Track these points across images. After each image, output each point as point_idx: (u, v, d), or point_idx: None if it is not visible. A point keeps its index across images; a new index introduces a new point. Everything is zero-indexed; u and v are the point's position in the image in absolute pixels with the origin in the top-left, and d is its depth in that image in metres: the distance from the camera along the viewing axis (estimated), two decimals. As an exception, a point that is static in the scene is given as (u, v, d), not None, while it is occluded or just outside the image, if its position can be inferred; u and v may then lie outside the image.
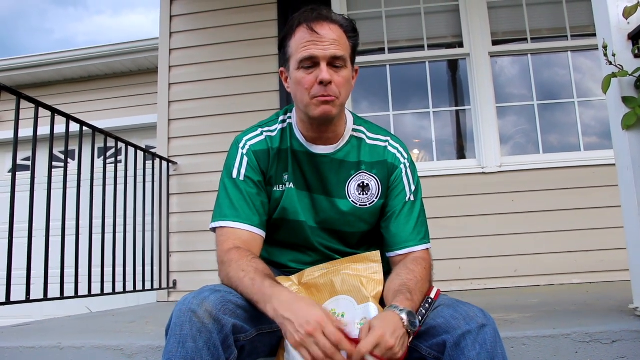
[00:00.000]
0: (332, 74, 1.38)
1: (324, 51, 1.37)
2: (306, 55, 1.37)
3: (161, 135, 4.27)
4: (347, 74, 1.42)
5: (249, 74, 4.22)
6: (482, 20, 4.05)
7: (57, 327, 2.31)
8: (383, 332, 1.09)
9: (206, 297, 1.16)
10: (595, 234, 3.62)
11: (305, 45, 1.38)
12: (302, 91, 1.40)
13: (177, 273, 4.05)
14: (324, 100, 1.38)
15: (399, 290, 1.28)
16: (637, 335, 1.49)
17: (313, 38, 1.37)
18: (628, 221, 1.72)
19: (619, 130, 1.71)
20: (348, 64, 1.43)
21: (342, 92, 1.41)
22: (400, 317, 1.16)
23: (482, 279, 3.69)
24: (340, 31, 1.42)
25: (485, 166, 3.83)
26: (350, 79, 1.46)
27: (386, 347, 1.09)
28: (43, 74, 6.69)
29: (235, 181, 1.46)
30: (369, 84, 4.22)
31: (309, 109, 1.41)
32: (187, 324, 1.11)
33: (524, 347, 1.52)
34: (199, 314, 1.11)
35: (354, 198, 1.51)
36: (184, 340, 1.10)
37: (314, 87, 1.38)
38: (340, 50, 1.39)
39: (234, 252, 1.33)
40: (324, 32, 1.38)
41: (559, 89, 4.08)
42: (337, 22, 1.43)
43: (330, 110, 1.39)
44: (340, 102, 1.42)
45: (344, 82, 1.41)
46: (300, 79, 1.40)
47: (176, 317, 1.13)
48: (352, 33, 1.46)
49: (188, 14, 4.44)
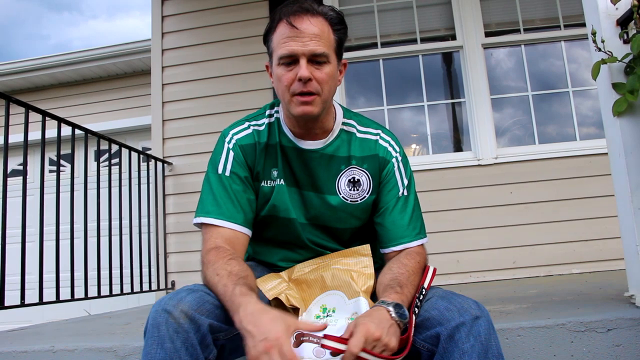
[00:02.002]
0: (313, 70, 1.34)
1: (303, 47, 1.32)
2: (285, 52, 1.33)
3: (156, 136, 4.26)
4: (330, 69, 1.37)
5: (241, 72, 4.21)
6: (474, 12, 4.04)
7: (52, 331, 2.30)
8: (367, 326, 1.08)
9: (182, 297, 1.15)
10: (593, 223, 3.61)
11: (284, 41, 1.34)
12: (283, 88, 1.37)
13: (175, 274, 4.04)
14: (304, 100, 1.34)
15: (389, 285, 1.27)
16: (632, 323, 1.48)
17: (292, 34, 1.33)
18: (621, 208, 1.71)
19: (610, 117, 1.70)
20: (332, 59, 1.38)
21: (324, 88, 1.36)
22: (387, 310, 1.15)
23: (480, 272, 3.68)
24: (324, 24, 1.37)
25: (481, 158, 3.82)
26: (335, 75, 1.40)
27: (373, 339, 1.07)
28: (37, 79, 6.68)
29: (221, 177, 1.42)
30: (363, 79, 4.21)
31: (290, 107, 1.38)
32: (164, 325, 1.10)
33: (519, 338, 1.51)
34: (174, 314, 1.10)
35: (344, 194, 1.48)
36: (162, 341, 1.09)
37: (294, 83, 1.34)
38: (321, 46, 1.34)
39: (213, 253, 1.30)
40: (303, 26, 1.33)
41: (554, 79, 4.07)
42: (320, 14, 1.37)
43: (311, 110, 1.36)
44: (323, 99, 1.38)
45: (326, 79, 1.36)
46: (280, 75, 1.36)
47: (152, 318, 1.12)
48: (339, 25, 1.40)
49: (179, 14, 4.43)
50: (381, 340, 1.09)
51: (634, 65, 1.59)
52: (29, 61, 6.53)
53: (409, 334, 1.17)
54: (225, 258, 1.27)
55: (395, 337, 1.13)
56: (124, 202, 3.57)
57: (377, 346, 1.08)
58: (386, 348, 1.10)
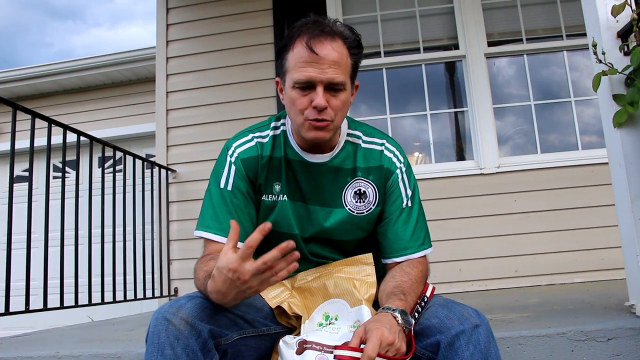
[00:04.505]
0: (329, 97, 1.32)
1: (321, 75, 1.29)
2: (302, 78, 1.30)
3: (160, 143, 4.28)
4: (345, 97, 1.36)
5: (245, 81, 4.23)
6: (477, 22, 4.06)
7: (56, 337, 2.31)
8: (381, 331, 1.09)
9: (182, 304, 1.16)
10: (595, 233, 3.61)
11: (302, 65, 1.30)
12: (296, 111, 1.35)
13: (178, 280, 4.05)
14: (317, 125, 1.33)
15: (392, 292, 1.28)
16: (633, 333, 1.49)
17: (311, 59, 1.29)
18: (621, 218, 1.72)
19: (610, 128, 1.72)
20: (347, 86, 1.36)
21: (337, 115, 1.35)
22: (394, 316, 1.17)
23: (482, 280, 3.68)
24: (343, 48, 1.34)
25: (483, 167, 3.83)
26: (349, 100, 1.40)
27: (387, 343, 1.09)
28: (42, 85, 6.71)
29: (222, 191, 1.42)
30: (366, 88, 4.23)
31: (301, 130, 1.37)
32: (164, 332, 1.12)
33: (520, 346, 1.52)
34: (174, 322, 1.12)
35: (350, 206, 1.47)
36: (162, 348, 1.11)
37: (308, 109, 1.32)
38: (340, 75, 1.32)
39: (198, 262, 1.33)
40: (324, 52, 1.30)
41: (556, 89, 4.09)
42: (340, 36, 1.35)
43: (323, 136, 1.35)
44: (335, 126, 1.37)
45: (340, 106, 1.35)
46: (294, 99, 1.34)
47: (153, 325, 1.14)
48: (356, 50, 1.38)
49: (184, 22, 4.46)
50: (394, 345, 1.10)
51: (634, 77, 1.61)
52: (33, 68, 6.56)
53: (412, 337, 1.18)
54: (205, 261, 1.29)
55: (404, 342, 1.14)
56: (128, 208, 3.59)
57: (390, 350, 1.10)
58: (397, 352, 1.11)
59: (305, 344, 1.21)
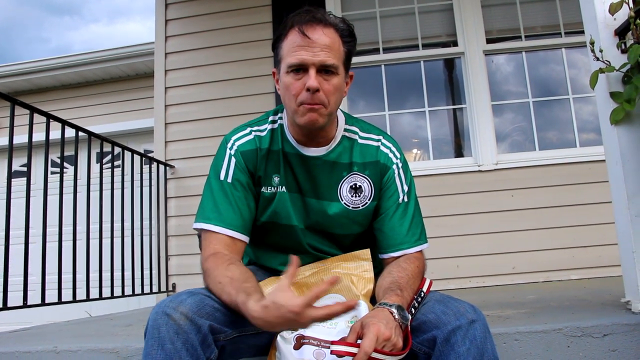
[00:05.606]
0: (321, 81, 1.33)
1: (313, 57, 1.32)
2: (295, 61, 1.33)
3: (158, 139, 4.28)
4: (337, 81, 1.37)
5: (244, 77, 4.23)
6: (476, 19, 4.06)
7: (55, 332, 2.32)
8: (378, 326, 1.10)
9: (183, 300, 1.16)
10: (592, 230, 3.63)
11: (295, 49, 1.33)
12: (290, 97, 1.37)
13: (176, 276, 4.06)
14: (310, 107, 1.34)
15: (389, 288, 1.29)
16: (628, 329, 1.50)
17: (304, 43, 1.32)
18: (618, 215, 1.73)
19: (607, 125, 1.72)
20: (340, 71, 1.38)
21: (331, 100, 1.36)
22: (390, 311, 1.17)
23: (480, 277, 3.69)
24: (335, 35, 1.37)
25: (481, 164, 3.84)
26: (342, 87, 1.41)
27: (384, 338, 1.09)
28: (40, 80, 6.70)
29: (222, 183, 1.43)
30: (364, 84, 4.23)
31: (295, 116, 1.38)
32: (164, 327, 1.11)
33: (516, 342, 1.53)
34: (174, 316, 1.12)
35: (346, 200, 1.48)
36: (162, 342, 1.10)
37: (302, 93, 1.34)
38: (331, 58, 1.34)
39: (211, 259, 1.31)
40: (316, 36, 1.33)
41: (554, 86, 4.09)
42: (332, 24, 1.37)
43: (317, 118, 1.35)
44: (329, 111, 1.37)
45: (333, 90, 1.36)
46: (288, 84, 1.36)
47: (152, 320, 1.14)
48: (349, 38, 1.41)
49: (183, 18, 4.46)
50: (391, 340, 1.10)
51: (631, 74, 1.62)
52: (31, 63, 6.55)
53: (409, 333, 1.19)
54: (224, 264, 1.27)
55: (401, 337, 1.15)
56: (126, 204, 3.59)
57: (386, 346, 1.10)
58: (394, 347, 1.11)
59: (302, 339, 1.21)
